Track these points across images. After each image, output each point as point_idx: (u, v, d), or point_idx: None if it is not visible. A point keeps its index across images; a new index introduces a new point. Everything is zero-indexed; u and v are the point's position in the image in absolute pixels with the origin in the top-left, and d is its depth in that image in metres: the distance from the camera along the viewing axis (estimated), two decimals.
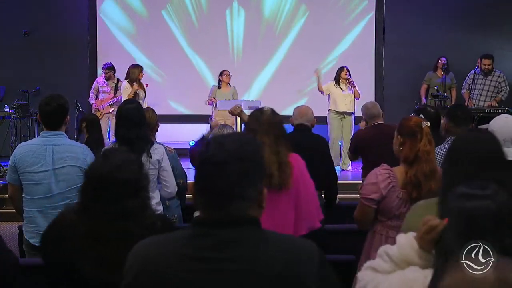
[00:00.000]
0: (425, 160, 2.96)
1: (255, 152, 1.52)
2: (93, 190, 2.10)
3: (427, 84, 9.38)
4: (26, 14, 10.08)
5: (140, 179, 2.14)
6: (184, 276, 1.43)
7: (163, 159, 3.67)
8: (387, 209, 3.00)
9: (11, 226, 6.04)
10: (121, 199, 2.06)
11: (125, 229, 2.05)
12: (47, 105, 3.46)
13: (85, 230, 2.06)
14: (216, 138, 1.53)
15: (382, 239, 3.03)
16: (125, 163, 2.12)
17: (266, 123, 3.03)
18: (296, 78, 10.30)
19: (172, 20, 10.41)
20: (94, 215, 2.07)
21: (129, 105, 3.77)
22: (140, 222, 2.08)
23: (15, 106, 8.65)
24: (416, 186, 2.94)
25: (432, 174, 2.95)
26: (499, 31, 10.25)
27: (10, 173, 3.55)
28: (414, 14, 10.30)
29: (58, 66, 10.05)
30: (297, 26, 10.44)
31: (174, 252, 1.47)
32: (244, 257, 1.44)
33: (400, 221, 3.00)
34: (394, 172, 3.02)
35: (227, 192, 1.45)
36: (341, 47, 10.36)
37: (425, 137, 3.00)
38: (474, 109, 7.53)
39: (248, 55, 10.42)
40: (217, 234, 1.45)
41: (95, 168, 2.14)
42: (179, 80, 10.35)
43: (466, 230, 1.31)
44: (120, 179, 2.07)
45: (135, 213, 2.08)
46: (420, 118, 3.14)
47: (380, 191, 2.97)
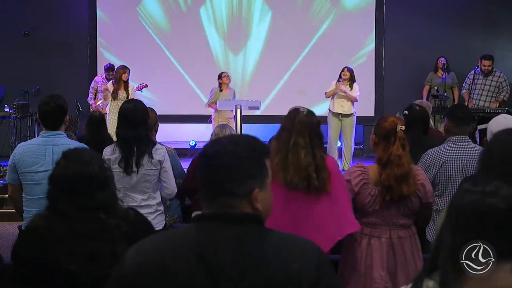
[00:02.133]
0: (396, 164, 2.95)
1: (262, 148, 1.53)
2: (61, 192, 2.14)
3: (428, 85, 9.38)
4: (26, 14, 10.08)
5: (105, 172, 2.20)
6: (186, 273, 1.43)
7: (165, 160, 3.66)
8: (360, 206, 3.04)
9: (11, 226, 6.04)
10: (91, 193, 2.12)
11: (102, 221, 2.10)
12: (46, 105, 3.46)
13: (64, 232, 2.09)
14: (226, 137, 1.55)
15: (357, 235, 3.07)
16: (86, 159, 2.18)
17: (301, 123, 2.91)
18: (297, 78, 10.31)
19: (173, 19, 10.42)
20: (68, 215, 2.11)
21: (127, 104, 3.77)
22: (114, 213, 2.15)
23: (15, 106, 8.66)
24: (388, 190, 2.97)
25: (403, 178, 2.95)
26: (499, 31, 10.25)
27: (10, 173, 3.55)
28: (414, 14, 10.29)
29: (58, 66, 10.05)
30: (297, 25, 10.43)
31: (178, 249, 1.46)
32: (248, 252, 1.44)
33: (374, 218, 3.04)
34: (367, 169, 3.05)
35: (241, 186, 1.47)
36: (341, 47, 10.35)
37: (398, 141, 2.97)
38: (474, 109, 7.53)
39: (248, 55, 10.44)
40: (223, 229, 1.46)
41: (59, 170, 2.18)
42: (179, 80, 10.35)
43: (465, 227, 1.29)
44: (86, 175, 2.13)
45: (107, 205, 2.14)
46: (397, 119, 3.11)
47: (352, 188, 3.01)
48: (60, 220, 2.12)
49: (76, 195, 2.12)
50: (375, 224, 3.05)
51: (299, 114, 2.95)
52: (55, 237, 2.10)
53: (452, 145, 3.72)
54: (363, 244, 3.05)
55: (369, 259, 3.03)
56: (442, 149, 3.73)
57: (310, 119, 2.94)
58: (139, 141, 3.58)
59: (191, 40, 10.37)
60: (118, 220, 2.13)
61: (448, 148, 3.72)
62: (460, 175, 3.64)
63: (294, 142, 2.87)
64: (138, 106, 3.71)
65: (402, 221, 3.05)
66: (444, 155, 3.70)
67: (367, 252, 3.04)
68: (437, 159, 3.69)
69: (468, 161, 3.65)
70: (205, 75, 10.15)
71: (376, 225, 3.05)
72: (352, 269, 3.07)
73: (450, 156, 3.69)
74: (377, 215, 3.04)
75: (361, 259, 3.05)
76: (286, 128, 2.94)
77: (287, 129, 2.93)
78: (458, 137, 3.73)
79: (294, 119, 2.93)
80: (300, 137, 2.87)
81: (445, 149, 3.73)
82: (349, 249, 3.11)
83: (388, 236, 3.04)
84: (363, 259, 3.04)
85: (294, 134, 2.89)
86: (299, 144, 2.87)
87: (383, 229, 3.04)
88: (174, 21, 10.42)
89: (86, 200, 2.12)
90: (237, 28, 10.43)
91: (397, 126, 3.00)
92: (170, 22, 10.43)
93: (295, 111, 3.01)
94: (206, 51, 10.36)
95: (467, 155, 3.67)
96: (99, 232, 2.09)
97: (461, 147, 3.71)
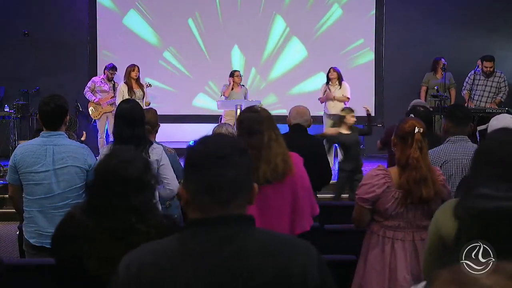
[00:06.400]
0: (414, 167, 2.94)
1: (247, 148, 1.52)
2: (98, 187, 2.14)
3: (425, 85, 9.38)
4: (26, 14, 10.08)
5: (145, 177, 2.16)
6: (187, 277, 1.41)
7: (162, 158, 3.67)
8: (383, 209, 3.01)
9: (11, 226, 6.04)
10: (126, 195, 2.09)
11: (131, 225, 2.07)
12: (46, 105, 3.46)
13: (92, 227, 2.09)
14: (210, 137, 1.52)
15: (379, 239, 3.05)
16: (131, 160, 2.15)
17: (267, 119, 3.02)
18: (297, 78, 10.31)
19: (171, 20, 10.43)
20: (100, 211, 2.10)
21: (124, 104, 3.78)
22: (146, 219, 2.10)
23: (15, 106, 8.66)
24: (408, 192, 2.96)
25: (422, 181, 2.94)
26: (499, 31, 10.25)
27: (10, 173, 3.55)
28: (414, 14, 10.30)
29: (58, 66, 10.05)
30: (297, 25, 10.44)
31: (176, 255, 1.44)
32: (246, 255, 1.42)
33: (397, 221, 3.01)
34: (389, 172, 3.03)
35: (238, 185, 1.45)
36: (341, 46, 10.35)
37: (415, 144, 2.96)
38: (474, 109, 7.51)
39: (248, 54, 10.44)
40: (220, 233, 1.43)
41: (101, 165, 2.19)
42: (179, 80, 10.35)
43: (482, 231, 1.27)
44: (124, 176, 2.10)
45: (140, 210, 2.10)
46: (418, 122, 3.09)
47: (375, 191, 2.98)
48: (91, 215, 2.12)
49: (109, 193, 2.10)
50: (398, 227, 3.02)
51: (260, 112, 3.06)
52: (82, 230, 2.11)
53: (452, 145, 3.72)
54: (387, 248, 3.02)
55: (393, 262, 3.00)
56: (442, 149, 3.74)
57: (269, 113, 3.08)
58: (136, 140, 3.58)
59: (191, 40, 10.38)
60: (149, 227, 2.07)
61: (448, 148, 3.72)
62: (460, 175, 3.64)
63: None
64: (136, 106, 3.72)
65: (425, 223, 2.97)
66: (444, 155, 3.70)
67: (391, 255, 3.01)
68: (438, 159, 3.69)
69: (468, 161, 3.64)
70: (206, 75, 10.16)
71: (399, 228, 3.02)
72: (376, 273, 3.03)
73: (450, 156, 3.69)
74: (400, 218, 3.01)
75: (385, 263, 3.02)
76: (256, 129, 2.98)
77: (256, 130, 2.98)
78: (457, 137, 3.73)
79: (259, 118, 3.00)
80: (271, 131, 2.97)
81: (445, 149, 3.73)
82: (371, 252, 3.08)
83: (411, 239, 3.02)
84: (387, 263, 3.01)
85: (266, 131, 2.95)
86: (271, 139, 2.95)
87: (407, 231, 3.01)
88: (174, 21, 10.42)
89: (118, 199, 2.09)
90: (237, 28, 10.43)
91: (416, 128, 2.98)
92: (170, 21, 10.42)
93: (253, 112, 3.08)
94: (206, 51, 10.36)
95: (467, 155, 3.67)
96: (125, 234, 2.06)
97: (461, 147, 3.71)
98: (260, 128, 2.95)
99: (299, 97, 9.74)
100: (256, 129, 2.95)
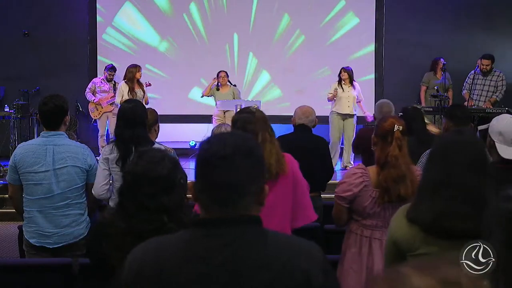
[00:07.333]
0: (393, 165, 2.93)
1: (258, 148, 1.50)
2: (128, 188, 2.15)
3: (425, 85, 9.38)
4: (26, 14, 10.08)
5: (174, 176, 2.15)
6: (188, 278, 1.41)
7: None
8: (360, 208, 3.01)
9: (11, 226, 6.04)
10: (156, 195, 2.10)
11: (162, 225, 2.07)
12: (45, 105, 3.46)
13: (124, 228, 2.11)
14: (217, 135, 1.51)
15: (357, 238, 3.06)
16: (159, 161, 2.15)
17: (261, 120, 3.04)
18: (296, 78, 10.31)
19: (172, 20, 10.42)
20: (129, 212, 2.12)
21: (126, 104, 3.78)
22: (178, 219, 2.10)
23: (15, 106, 8.65)
24: (386, 191, 2.94)
25: (400, 179, 2.92)
26: (499, 31, 10.25)
27: (10, 173, 3.55)
28: (414, 14, 10.29)
29: (58, 66, 10.05)
30: (297, 25, 10.44)
31: (177, 254, 1.44)
32: (249, 256, 1.41)
33: (375, 220, 3.02)
34: (368, 171, 3.02)
35: (239, 186, 1.43)
36: (341, 46, 10.35)
37: (395, 142, 2.94)
38: (474, 109, 7.51)
39: (248, 54, 10.43)
40: (223, 234, 1.42)
41: (129, 167, 2.21)
42: (179, 80, 10.34)
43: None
44: (153, 176, 2.10)
45: (171, 209, 2.11)
46: (397, 119, 3.07)
47: (352, 190, 2.98)
48: (122, 216, 2.14)
49: (138, 194, 2.11)
50: (376, 226, 3.02)
51: (255, 113, 3.09)
52: (113, 231, 2.13)
53: None
54: (364, 247, 3.03)
55: (371, 261, 3.01)
56: None
57: (264, 114, 3.12)
58: (137, 140, 3.58)
59: (191, 40, 10.37)
60: (181, 227, 2.02)
61: None
62: None
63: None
64: (137, 107, 3.72)
65: None
66: None
67: (369, 254, 3.02)
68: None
69: None
70: (206, 75, 10.14)
71: (376, 227, 3.02)
72: (354, 272, 3.04)
73: None
74: (378, 217, 3.01)
75: (363, 262, 3.02)
76: (250, 130, 2.98)
77: (251, 130, 2.98)
78: None
79: (253, 119, 3.03)
80: (265, 132, 3.00)
81: None
82: (349, 251, 3.10)
83: None
84: (365, 262, 3.02)
85: (261, 132, 2.97)
86: (265, 140, 2.97)
87: (384, 231, 3.00)
88: (174, 20, 10.41)
89: (148, 200, 2.10)
90: (237, 27, 10.43)
91: (395, 126, 2.97)
92: (170, 21, 10.42)
93: (248, 113, 3.10)
94: (206, 51, 10.35)
95: None
96: (155, 234, 2.03)
97: None
98: (254, 129, 2.96)
99: (298, 96, 9.74)
100: (249, 129, 2.95)
